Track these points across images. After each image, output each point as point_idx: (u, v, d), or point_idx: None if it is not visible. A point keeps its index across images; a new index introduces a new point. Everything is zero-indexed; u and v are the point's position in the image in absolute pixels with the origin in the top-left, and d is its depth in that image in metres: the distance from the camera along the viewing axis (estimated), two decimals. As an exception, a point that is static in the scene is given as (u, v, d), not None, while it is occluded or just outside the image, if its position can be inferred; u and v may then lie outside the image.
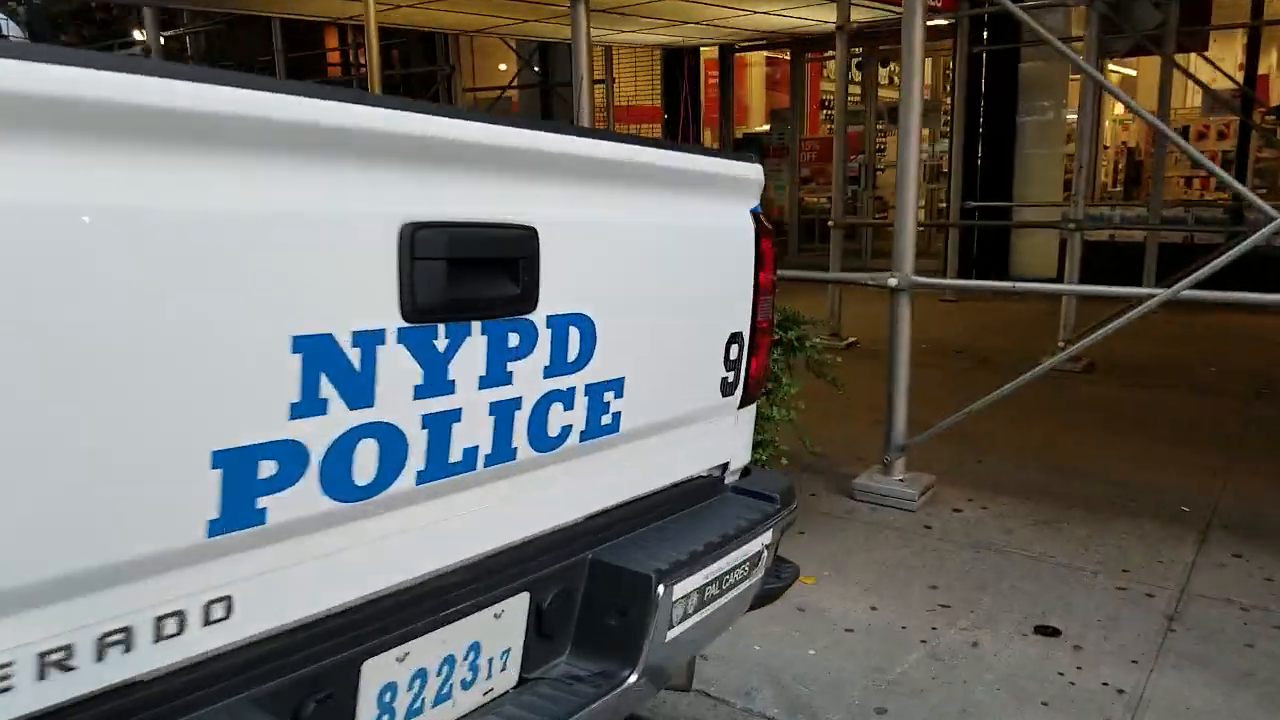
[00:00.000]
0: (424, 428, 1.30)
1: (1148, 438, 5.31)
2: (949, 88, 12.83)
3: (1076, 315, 7.11)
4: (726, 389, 1.99)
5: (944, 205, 12.40)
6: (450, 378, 1.32)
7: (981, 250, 11.18)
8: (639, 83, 13.53)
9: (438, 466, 1.33)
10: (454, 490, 1.38)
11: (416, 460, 1.30)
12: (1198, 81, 9.07)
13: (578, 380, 1.56)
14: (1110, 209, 11.22)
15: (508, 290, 1.39)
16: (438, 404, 1.31)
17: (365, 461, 1.23)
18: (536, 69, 12.96)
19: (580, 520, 1.65)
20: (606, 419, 1.64)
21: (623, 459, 1.73)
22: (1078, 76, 9.29)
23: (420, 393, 1.28)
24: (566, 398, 1.54)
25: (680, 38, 11.48)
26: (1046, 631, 3.09)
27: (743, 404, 2.08)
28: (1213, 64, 9.21)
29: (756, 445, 3.88)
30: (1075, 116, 7.55)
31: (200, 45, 14.06)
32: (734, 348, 1.99)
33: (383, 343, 1.22)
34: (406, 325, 1.24)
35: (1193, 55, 9.48)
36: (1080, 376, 6.61)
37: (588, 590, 1.64)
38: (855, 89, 13.68)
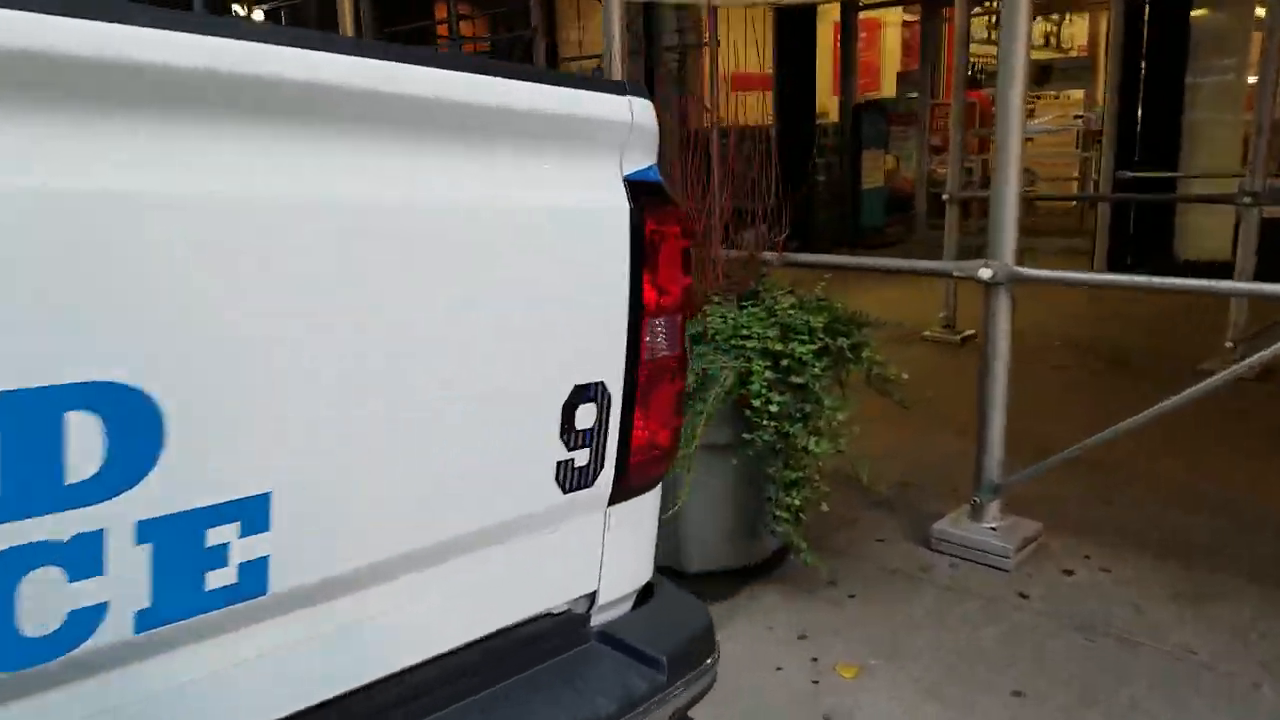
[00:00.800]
0: None
1: (1340, 472, 4.11)
2: (1107, 42, 11.31)
3: (1250, 308, 5.82)
4: (573, 479, 1.18)
5: (1096, 177, 10.92)
6: None
7: (1140, 228, 9.69)
8: (750, 47, 12.45)
9: None
10: None
11: None
12: None
13: (109, 515, 0.78)
14: (1303, 180, 9.52)
15: None
16: None
17: None
18: (643, 35, 12.07)
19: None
20: (222, 577, 0.86)
21: (297, 634, 0.94)
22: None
23: None
24: (73, 555, 0.76)
25: (794, -6, 10.41)
26: (1175, 790, 2.14)
27: (622, 496, 1.26)
28: None
29: (790, 486, 3.02)
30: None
31: (310, 12, 13.80)
32: (585, 409, 1.17)
33: None
34: None
35: None
36: (1252, 385, 5.33)
37: None
38: (992, 49, 12.28)
